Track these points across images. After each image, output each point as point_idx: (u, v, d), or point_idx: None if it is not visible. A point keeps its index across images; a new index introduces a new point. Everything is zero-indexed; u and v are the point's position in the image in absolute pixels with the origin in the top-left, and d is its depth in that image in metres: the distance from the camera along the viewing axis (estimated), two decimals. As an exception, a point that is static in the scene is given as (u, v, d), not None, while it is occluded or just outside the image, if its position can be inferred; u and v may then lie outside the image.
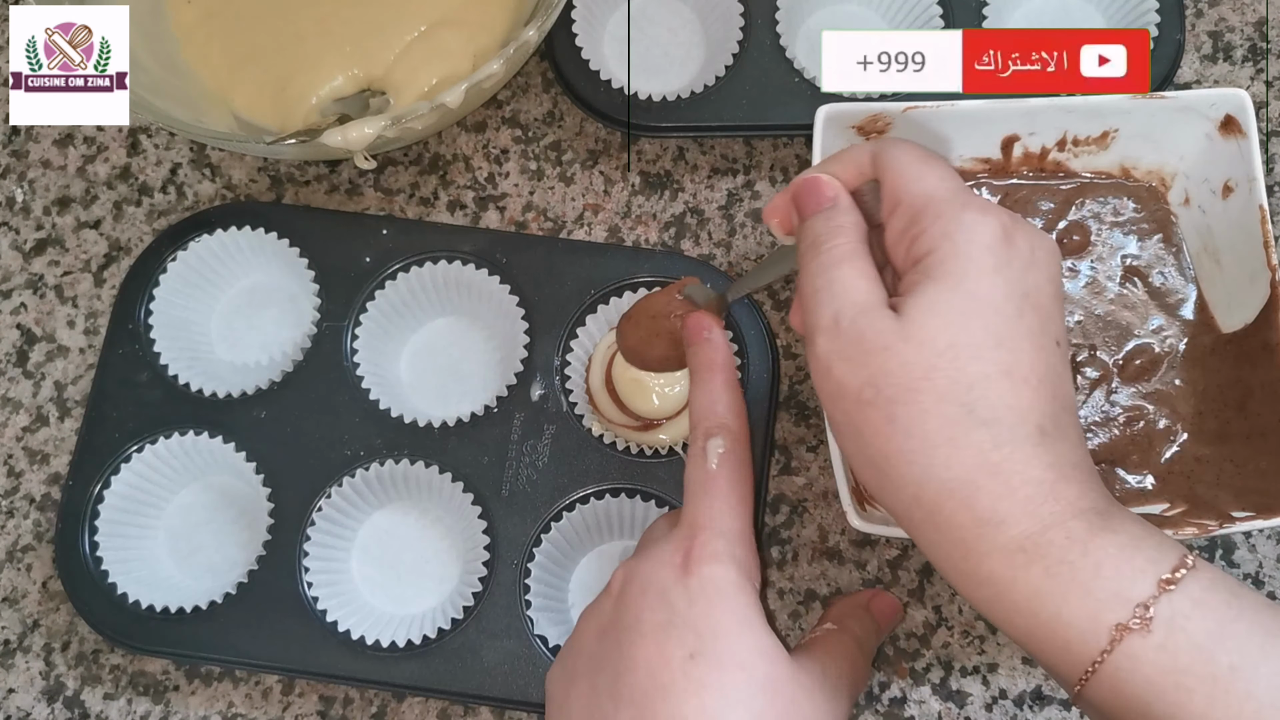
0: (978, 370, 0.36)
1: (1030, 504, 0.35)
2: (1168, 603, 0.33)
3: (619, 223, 0.60)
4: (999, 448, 0.35)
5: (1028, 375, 0.36)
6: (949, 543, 0.36)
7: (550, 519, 0.52)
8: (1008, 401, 0.36)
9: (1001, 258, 0.37)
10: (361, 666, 0.50)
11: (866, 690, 0.53)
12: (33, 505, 0.56)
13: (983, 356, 0.36)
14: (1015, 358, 0.36)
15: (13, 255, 0.60)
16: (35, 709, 0.53)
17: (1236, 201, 0.50)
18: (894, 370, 0.36)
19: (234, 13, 0.59)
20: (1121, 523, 0.35)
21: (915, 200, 0.38)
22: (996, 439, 0.35)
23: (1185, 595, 0.34)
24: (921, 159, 0.40)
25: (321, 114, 0.57)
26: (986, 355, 0.36)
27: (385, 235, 0.56)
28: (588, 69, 0.58)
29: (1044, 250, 0.38)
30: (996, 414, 0.35)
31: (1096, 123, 0.51)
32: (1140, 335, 0.51)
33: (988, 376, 0.36)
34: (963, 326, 0.36)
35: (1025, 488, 0.35)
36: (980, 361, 0.36)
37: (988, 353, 0.36)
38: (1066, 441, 0.37)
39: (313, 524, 0.52)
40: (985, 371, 0.36)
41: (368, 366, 0.55)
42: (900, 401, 0.36)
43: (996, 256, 0.37)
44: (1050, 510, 0.35)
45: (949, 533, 0.36)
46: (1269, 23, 0.62)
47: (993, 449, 0.35)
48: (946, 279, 0.37)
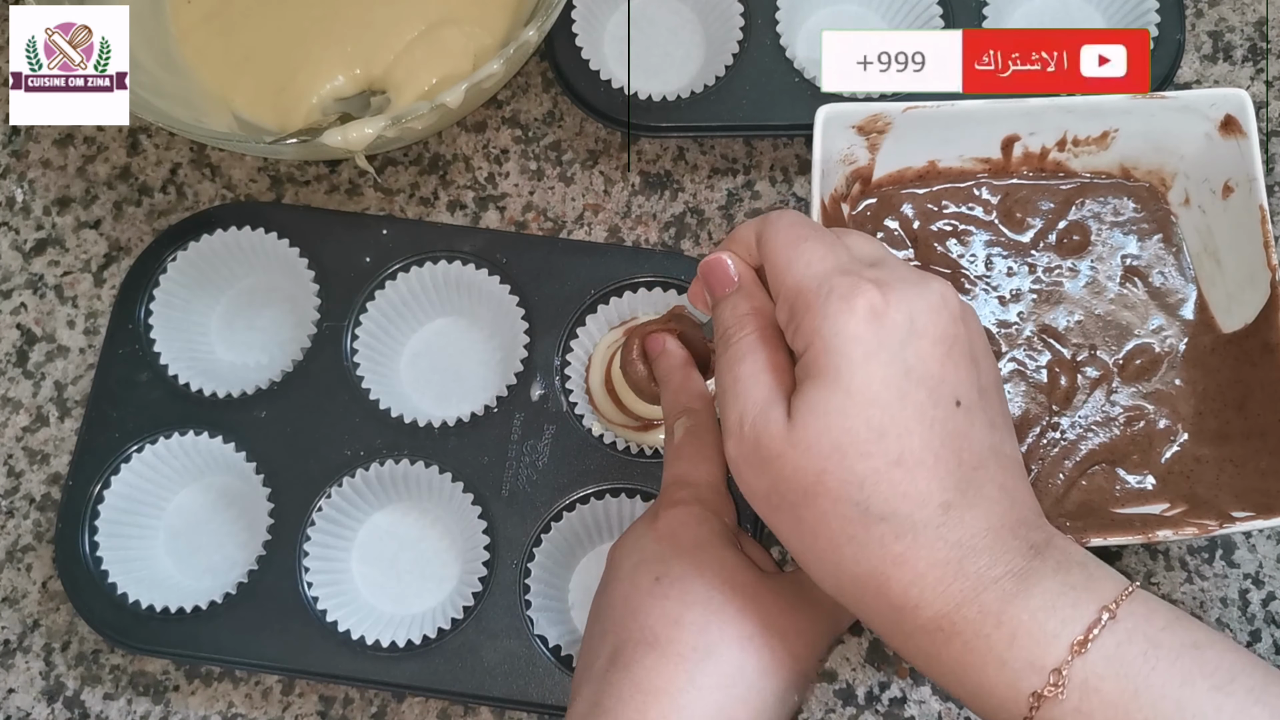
0: (866, 467, 0.35)
1: (940, 585, 0.35)
2: (1081, 665, 0.34)
3: (619, 223, 0.60)
4: (900, 538, 0.35)
5: (921, 457, 0.35)
6: (876, 624, 0.38)
7: (550, 519, 0.52)
8: (902, 491, 0.35)
9: (871, 343, 0.36)
10: (361, 666, 0.50)
11: (866, 690, 0.53)
12: (33, 505, 0.56)
13: (868, 452, 0.35)
14: (903, 444, 0.35)
15: (13, 255, 0.60)
16: (35, 709, 0.53)
17: (1236, 201, 0.50)
18: (789, 476, 0.36)
19: (234, 13, 0.59)
20: (1039, 581, 0.35)
21: (788, 293, 0.38)
22: (897, 530, 0.35)
23: (1100, 654, 0.34)
24: (792, 242, 0.39)
25: (323, 113, 0.57)
26: (871, 450, 0.35)
27: (385, 235, 0.56)
28: (588, 69, 0.58)
29: (925, 311, 0.36)
30: (892, 507, 0.35)
31: (1096, 123, 0.51)
32: (1140, 335, 0.51)
33: (876, 471, 0.35)
34: (843, 427, 0.35)
35: (932, 571, 0.35)
36: (866, 458, 0.35)
37: (872, 447, 0.35)
38: (979, 503, 0.36)
39: (313, 524, 0.52)
40: (873, 467, 0.35)
41: (368, 366, 0.55)
42: (800, 505, 0.36)
43: (865, 344, 0.36)
44: (960, 588, 0.35)
45: (873, 617, 0.37)
46: (1269, 23, 0.62)
47: (894, 540, 0.35)
48: (821, 377, 0.36)
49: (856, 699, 0.53)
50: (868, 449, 0.35)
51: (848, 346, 0.36)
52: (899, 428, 0.35)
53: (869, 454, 0.35)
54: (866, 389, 0.35)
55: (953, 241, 0.52)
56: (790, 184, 0.60)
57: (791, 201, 0.60)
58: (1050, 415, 0.50)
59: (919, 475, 0.35)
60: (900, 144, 0.51)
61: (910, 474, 0.35)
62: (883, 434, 0.35)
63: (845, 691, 0.53)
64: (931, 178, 0.53)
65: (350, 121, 0.51)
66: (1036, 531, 0.37)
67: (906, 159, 0.52)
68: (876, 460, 0.35)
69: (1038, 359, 0.51)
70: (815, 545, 0.37)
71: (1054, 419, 0.50)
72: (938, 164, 0.52)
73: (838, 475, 0.35)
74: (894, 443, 0.35)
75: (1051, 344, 0.51)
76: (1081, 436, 0.50)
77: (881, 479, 0.35)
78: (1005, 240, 0.53)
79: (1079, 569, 0.36)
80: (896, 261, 0.40)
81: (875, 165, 0.52)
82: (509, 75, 0.55)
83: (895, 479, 0.35)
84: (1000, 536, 0.36)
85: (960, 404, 0.36)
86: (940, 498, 0.35)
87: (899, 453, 0.35)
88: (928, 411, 0.36)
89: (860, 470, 0.35)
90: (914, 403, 0.36)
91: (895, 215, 0.53)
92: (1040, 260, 0.52)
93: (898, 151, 0.51)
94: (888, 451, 0.35)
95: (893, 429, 0.35)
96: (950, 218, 0.53)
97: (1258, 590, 0.54)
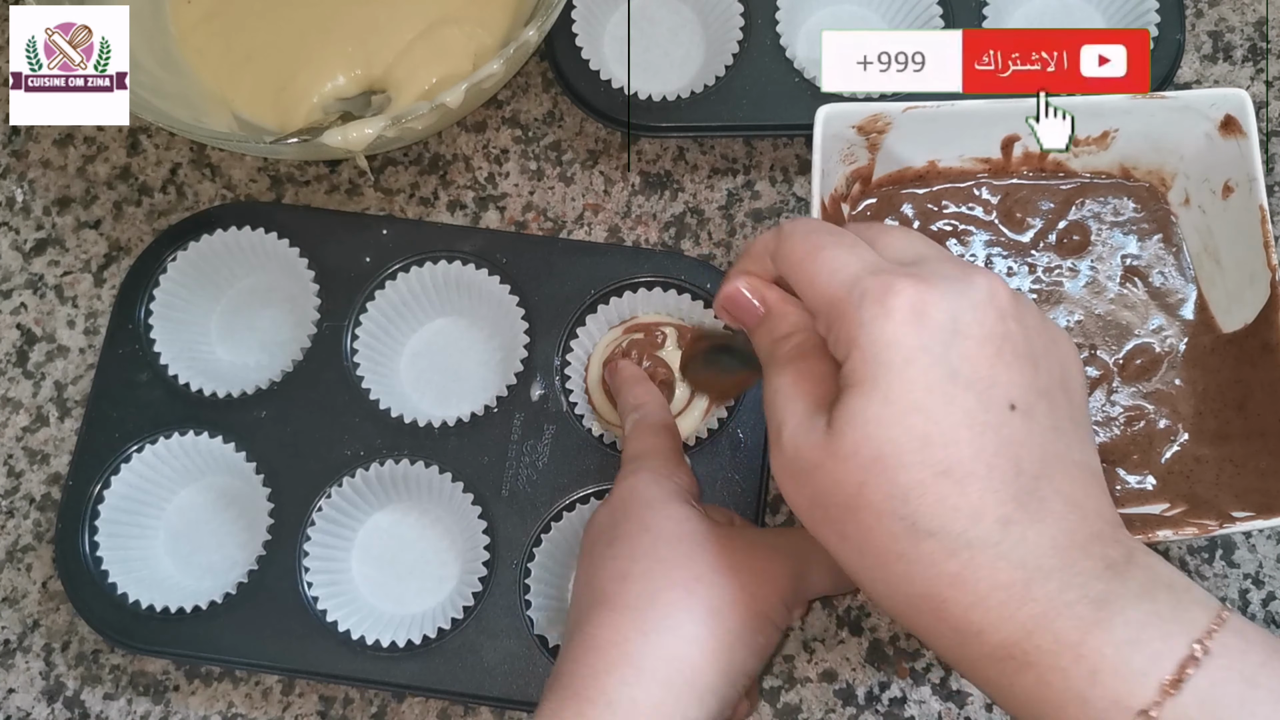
0: (909, 479, 0.32)
1: (1004, 609, 0.32)
2: (1172, 707, 0.30)
3: (619, 223, 0.60)
4: (954, 556, 0.32)
5: (971, 467, 0.32)
6: (941, 650, 0.35)
7: (550, 519, 0.52)
8: (951, 504, 0.32)
9: (912, 347, 0.33)
10: (361, 666, 0.50)
11: (866, 690, 0.53)
12: (33, 505, 0.56)
13: (911, 462, 0.32)
14: (949, 453, 0.32)
15: (13, 255, 0.60)
16: (35, 709, 0.53)
17: (1236, 201, 0.50)
18: (830, 489, 0.34)
19: (234, 12, 0.59)
20: (1122, 608, 0.32)
21: (822, 305, 0.35)
22: (949, 548, 0.32)
23: (1193, 696, 0.31)
24: (811, 253, 0.36)
25: (324, 111, 0.57)
26: (915, 460, 0.32)
27: (385, 235, 0.56)
28: (588, 69, 0.58)
29: (970, 309, 0.34)
30: (940, 521, 0.32)
31: (1096, 123, 0.51)
32: (1140, 335, 0.51)
33: (921, 483, 0.32)
34: (884, 436, 0.33)
35: (994, 594, 0.32)
36: (910, 469, 0.32)
37: (915, 457, 0.32)
38: (1044, 518, 0.33)
39: (313, 524, 0.52)
40: (918, 478, 0.32)
41: (368, 366, 0.55)
42: (843, 520, 0.34)
43: (905, 347, 0.33)
44: (1029, 614, 0.32)
45: (936, 642, 0.35)
46: (1269, 23, 0.62)
47: (947, 558, 0.32)
48: (860, 386, 0.33)
49: (856, 699, 0.52)
50: (911, 459, 0.33)
51: (885, 352, 0.33)
52: (945, 436, 0.33)
53: (912, 464, 0.33)
54: (908, 395, 0.33)
55: (953, 241, 0.52)
56: (790, 184, 0.60)
57: (791, 201, 0.60)
58: (1050, 415, 0.50)
59: (970, 487, 0.32)
60: (900, 144, 0.51)
61: (960, 486, 0.32)
62: (927, 442, 0.33)
63: (845, 691, 0.53)
64: (931, 178, 0.53)
65: (351, 121, 0.51)
66: (1114, 547, 0.34)
67: (906, 159, 0.52)
68: (921, 471, 0.33)
69: (1038, 359, 0.51)
70: (863, 562, 0.34)
71: (1054, 419, 0.50)
72: (938, 164, 0.52)
73: (880, 487, 0.33)
74: (940, 451, 0.33)
75: (1051, 344, 0.51)
76: (1081, 436, 0.50)
77: (928, 491, 0.32)
78: (1005, 240, 0.53)
79: (1165, 593, 0.33)
80: (939, 255, 0.37)
81: (875, 165, 0.52)
82: (509, 75, 0.55)
83: (943, 491, 0.32)
84: (1070, 556, 0.33)
85: (1015, 408, 0.34)
86: (997, 512, 0.32)
87: (946, 462, 0.32)
88: (977, 417, 0.33)
89: (903, 482, 0.33)
90: (961, 408, 0.33)
91: (895, 215, 0.53)
92: (1040, 260, 0.52)
93: (898, 151, 0.51)
94: (933, 461, 0.32)
95: (938, 437, 0.33)
96: (950, 218, 0.53)
97: (1258, 590, 0.54)
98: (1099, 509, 0.35)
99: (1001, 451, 0.33)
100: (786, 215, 0.59)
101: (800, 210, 0.59)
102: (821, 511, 0.35)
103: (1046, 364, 0.35)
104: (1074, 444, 0.35)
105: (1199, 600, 0.33)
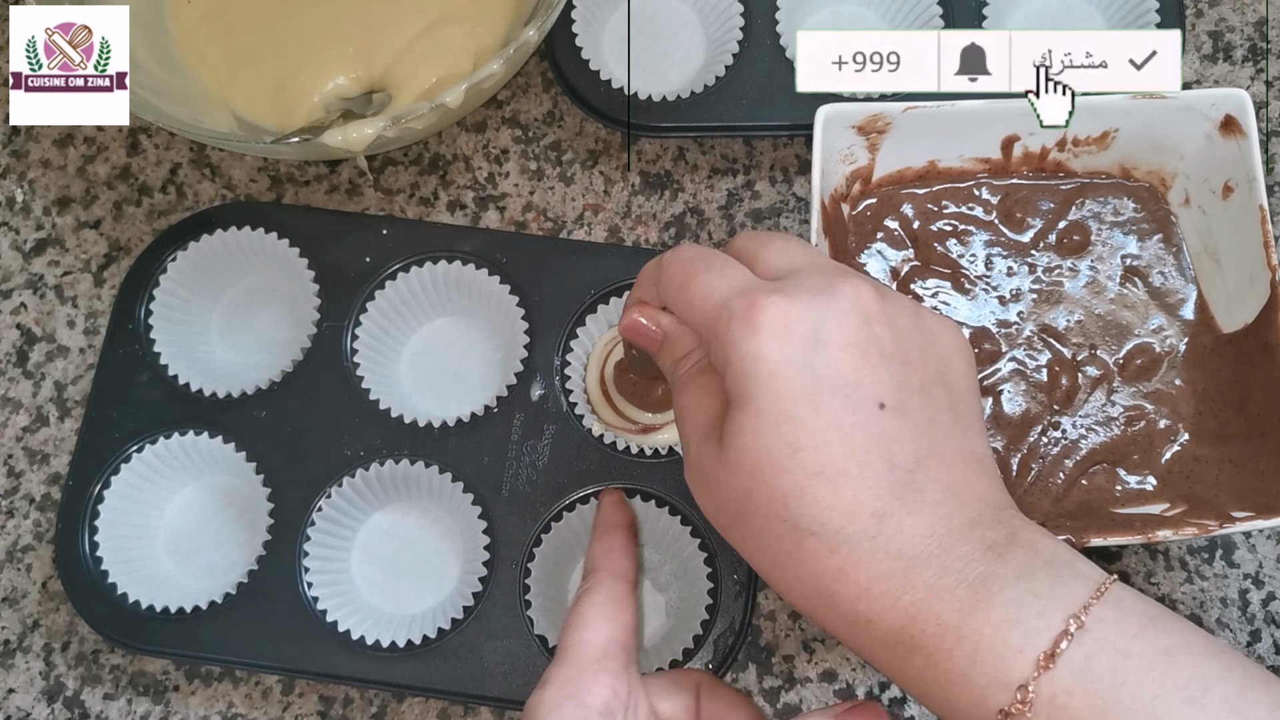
0: (786, 483, 0.35)
1: (887, 599, 0.34)
2: (1049, 681, 0.32)
3: (619, 223, 0.60)
4: (834, 552, 0.34)
5: (842, 466, 0.35)
6: (839, 637, 0.37)
7: (550, 519, 0.52)
8: (826, 503, 0.34)
9: (777, 359, 0.35)
10: (361, 666, 0.50)
11: (866, 690, 0.53)
12: (33, 505, 0.56)
13: (786, 468, 0.35)
14: (821, 455, 0.35)
15: (13, 255, 0.60)
16: (35, 709, 0.53)
17: (1236, 201, 0.50)
18: (726, 498, 0.37)
19: (234, 12, 0.59)
20: (1000, 589, 0.33)
21: (699, 329, 0.38)
22: (830, 544, 0.34)
23: (1067, 669, 0.32)
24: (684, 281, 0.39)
25: (325, 109, 0.57)
26: (788, 465, 0.35)
27: (385, 235, 0.56)
28: (588, 69, 0.58)
29: (832, 317, 0.36)
30: (819, 520, 0.35)
31: (1096, 123, 0.51)
32: (1140, 335, 0.51)
33: (797, 486, 0.35)
34: (759, 445, 0.35)
35: (876, 584, 0.34)
36: (785, 474, 0.35)
37: (788, 462, 0.35)
38: (921, 508, 0.35)
39: (313, 524, 0.52)
40: (793, 482, 0.35)
41: (368, 366, 0.55)
42: (740, 526, 0.37)
43: (771, 361, 0.35)
44: (910, 600, 0.34)
45: (833, 631, 0.36)
46: (1269, 23, 0.62)
47: (829, 554, 0.35)
48: (738, 400, 0.36)
49: (856, 699, 0.52)
50: (786, 464, 0.35)
51: (754, 366, 0.35)
52: (815, 440, 0.35)
53: (787, 469, 0.35)
54: (777, 406, 0.35)
55: (953, 241, 0.52)
56: (790, 184, 0.60)
57: (791, 201, 0.60)
58: (1051, 415, 0.50)
59: (843, 485, 0.34)
60: (900, 144, 0.51)
61: (833, 485, 0.34)
62: (798, 448, 0.35)
63: (845, 692, 0.53)
64: (931, 178, 0.53)
65: (351, 119, 0.51)
66: (994, 529, 0.35)
67: (906, 159, 0.52)
68: (796, 475, 0.35)
69: (1038, 359, 0.51)
70: (763, 562, 0.37)
71: (1054, 419, 0.50)
72: (938, 164, 0.52)
73: (763, 494, 0.35)
74: (810, 455, 0.35)
75: (1051, 344, 0.51)
76: (1082, 436, 0.50)
77: (803, 493, 0.35)
78: (1005, 240, 0.53)
79: (1045, 570, 0.34)
80: (812, 265, 0.39)
81: (875, 165, 0.52)
82: (509, 75, 0.55)
83: (818, 492, 0.35)
84: (947, 542, 0.34)
85: (885, 406, 0.35)
86: (872, 506, 0.34)
87: (818, 465, 0.35)
88: (845, 419, 0.35)
89: (781, 486, 0.35)
90: (829, 412, 0.35)
91: (895, 215, 0.53)
92: (1040, 260, 0.52)
93: (898, 151, 0.51)
94: (806, 465, 0.35)
95: (808, 442, 0.35)
96: (950, 218, 0.53)
97: (1258, 590, 0.54)
98: (980, 494, 0.36)
99: (872, 449, 0.35)
100: (786, 215, 0.59)
101: (800, 210, 0.59)
102: (725, 519, 0.37)
103: (921, 360, 0.37)
104: (954, 433, 0.37)
105: (1081, 574, 0.34)
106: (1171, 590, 0.54)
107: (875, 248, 0.52)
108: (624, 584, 0.46)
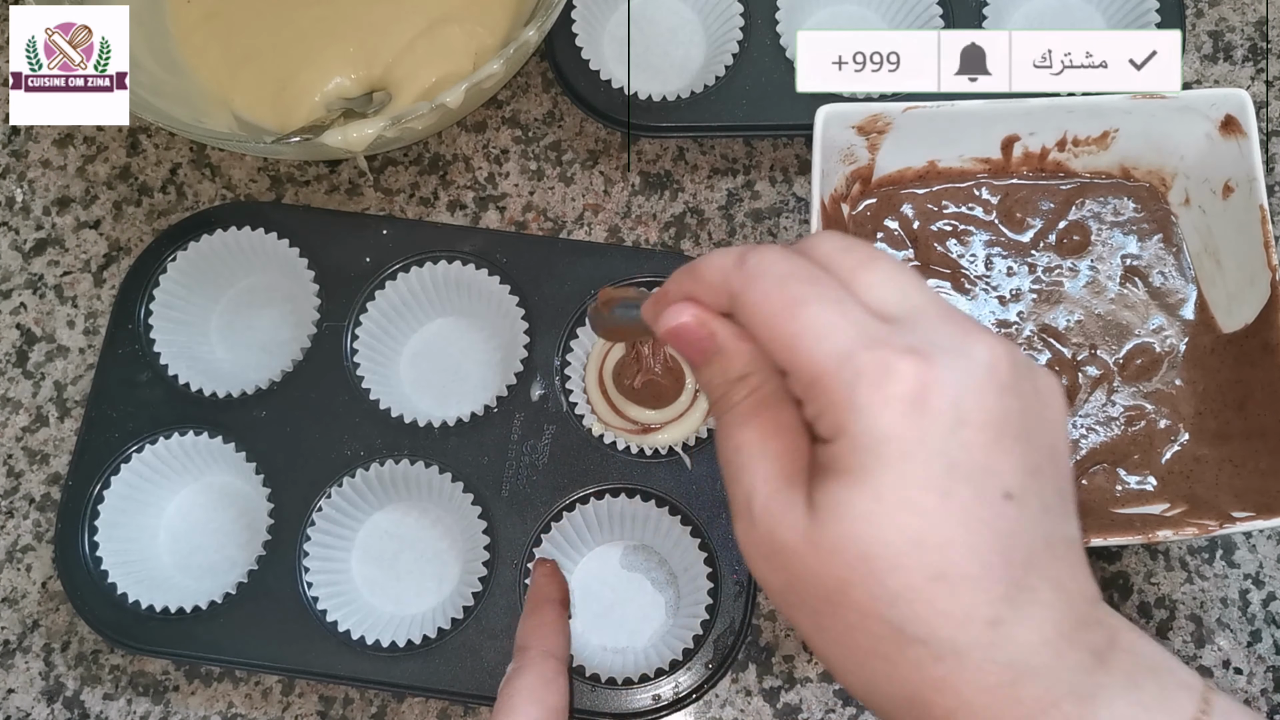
0: (900, 583, 0.30)
1: (989, 712, 0.31)
2: None
3: (619, 223, 0.60)
4: (940, 661, 0.31)
5: (965, 570, 0.30)
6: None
7: (550, 519, 0.52)
8: (942, 609, 0.30)
9: (910, 440, 0.30)
10: (361, 666, 0.50)
11: (867, 690, 0.52)
12: (33, 505, 0.56)
13: (902, 565, 0.30)
14: (944, 555, 0.30)
15: (13, 255, 0.60)
16: (35, 709, 0.53)
17: (1236, 201, 0.50)
18: (808, 579, 0.32)
19: (234, 12, 0.59)
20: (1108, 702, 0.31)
21: (801, 374, 0.31)
22: (936, 654, 0.31)
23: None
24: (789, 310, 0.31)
25: (326, 109, 0.57)
26: (906, 563, 0.30)
27: (385, 235, 0.56)
28: (588, 69, 0.58)
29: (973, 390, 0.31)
30: (931, 629, 0.30)
31: (1096, 123, 0.51)
32: (1140, 335, 0.51)
33: (912, 588, 0.30)
34: (873, 535, 0.30)
35: (979, 698, 0.31)
36: (900, 571, 0.30)
37: (907, 560, 0.30)
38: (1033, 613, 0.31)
39: (313, 524, 0.52)
40: (909, 583, 0.30)
41: (368, 366, 0.55)
42: (821, 614, 0.32)
43: (904, 441, 0.30)
44: (1014, 716, 0.31)
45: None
46: (1269, 23, 0.62)
47: (933, 664, 0.31)
48: (847, 476, 0.30)
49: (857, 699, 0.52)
50: (902, 561, 0.30)
51: (881, 445, 0.30)
52: (940, 537, 0.30)
53: (904, 567, 0.30)
54: (902, 491, 0.30)
55: (953, 241, 0.52)
56: (790, 184, 0.60)
57: (791, 201, 0.60)
58: (1050, 415, 0.50)
59: (962, 590, 0.30)
60: (900, 144, 0.51)
61: (952, 589, 0.30)
62: (920, 544, 0.30)
63: (845, 691, 0.52)
64: (931, 178, 0.53)
65: (352, 118, 0.51)
66: (1097, 631, 0.32)
67: (906, 159, 0.52)
68: (913, 575, 0.30)
69: (1038, 358, 0.51)
70: (840, 655, 0.33)
71: (1054, 419, 0.50)
72: (938, 164, 0.52)
73: (866, 588, 0.31)
74: (934, 555, 0.30)
75: (1052, 344, 0.51)
76: (1082, 436, 0.50)
77: (918, 597, 0.30)
78: (1005, 240, 0.53)
79: (1150, 679, 0.32)
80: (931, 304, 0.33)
81: (875, 165, 0.52)
82: (509, 75, 0.55)
83: (934, 597, 0.30)
84: (1059, 649, 0.31)
85: (1010, 496, 0.31)
86: (987, 613, 0.30)
87: (940, 566, 0.30)
88: (974, 513, 0.30)
89: (893, 586, 0.30)
90: (959, 504, 0.30)
91: (895, 215, 0.53)
92: (1040, 260, 0.52)
93: (898, 151, 0.51)
94: (926, 565, 0.30)
95: (932, 539, 0.30)
96: (950, 218, 0.53)
97: (1258, 590, 0.54)
98: (1082, 588, 0.33)
99: (995, 547, 0.31)
100: (786, 215, 0.59)
101: (800, 210, 0.59)
102: (797, 598, 0.33)
103: (1039, 435, 0.33)
104: (1059, 519, 0.33)
105: (1183, 683, 0.32)
106: (1172, 590, 0.54)
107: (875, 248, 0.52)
108: (553, 662, 0.44)
